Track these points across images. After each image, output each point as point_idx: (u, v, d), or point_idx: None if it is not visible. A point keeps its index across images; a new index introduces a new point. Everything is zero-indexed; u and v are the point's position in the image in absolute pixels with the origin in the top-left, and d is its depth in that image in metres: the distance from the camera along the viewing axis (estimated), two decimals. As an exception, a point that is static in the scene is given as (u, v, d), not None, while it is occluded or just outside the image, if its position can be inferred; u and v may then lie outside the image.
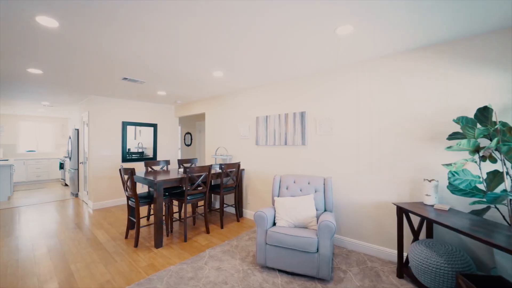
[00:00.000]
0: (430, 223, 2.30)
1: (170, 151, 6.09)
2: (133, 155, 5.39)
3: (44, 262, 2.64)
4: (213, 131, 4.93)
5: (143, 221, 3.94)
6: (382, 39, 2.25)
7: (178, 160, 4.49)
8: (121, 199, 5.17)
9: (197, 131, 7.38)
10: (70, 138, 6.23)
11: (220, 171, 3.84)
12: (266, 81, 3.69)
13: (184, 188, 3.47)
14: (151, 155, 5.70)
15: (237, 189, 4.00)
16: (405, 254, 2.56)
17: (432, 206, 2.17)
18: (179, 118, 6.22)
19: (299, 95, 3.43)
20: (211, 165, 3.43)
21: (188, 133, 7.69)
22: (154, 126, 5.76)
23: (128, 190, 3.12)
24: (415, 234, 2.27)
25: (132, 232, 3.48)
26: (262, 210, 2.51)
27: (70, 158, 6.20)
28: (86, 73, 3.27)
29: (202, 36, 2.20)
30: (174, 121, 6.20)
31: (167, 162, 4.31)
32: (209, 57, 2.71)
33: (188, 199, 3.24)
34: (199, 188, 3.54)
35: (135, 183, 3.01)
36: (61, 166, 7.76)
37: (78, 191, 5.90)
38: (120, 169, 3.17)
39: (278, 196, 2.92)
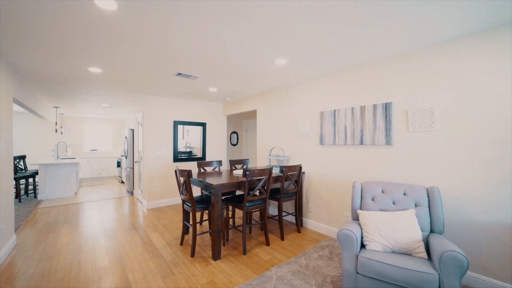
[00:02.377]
0: None
1: (218, 150, 5.88)
2: (182, 155, 5.29)
3: (103, 269, 2.51)
4: (265, 130, 4.51)
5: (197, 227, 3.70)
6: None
7: (230, 160, 4.18)
8: (173, 199, 5.10)
9: (244, 130, 7.09)
10: (126, 138, 6.48)
11: (279, 174, 3.38)
12: (336, 68, 3.11)
13: (241, 193, 3.09)
14: (198, 155, 5.55)
15: (297, 195, 3.50)
16: None
17: None
18: (227, 116, 6.01)
19: (382, 83, 2.77)
20: (272, 168, 2.99)
21: (234, 132, 7.46)
22: (203, 125, 5.60)
23: (183, 193, 2.86)
24: None
25: (187, 238, 3.25)
26: (347, 227, 1.96)
27: (126, 157, 6.45)
28: (142, 69, 3.13)
29: (272, 14, 1.74)
30: (222, 119, 5.98)
31: (220, 163, 4.02)
32: (275, 40, 2.26)
33: (247, 206, 2.85)
34: (257, 194, 3.13)
35: (191, 186, 2.73)
36: (118, 164, 8.25)
37: (133, 189, 6.08)
38: (175, 170, 2.93)
39: (361, 209, 2.32)
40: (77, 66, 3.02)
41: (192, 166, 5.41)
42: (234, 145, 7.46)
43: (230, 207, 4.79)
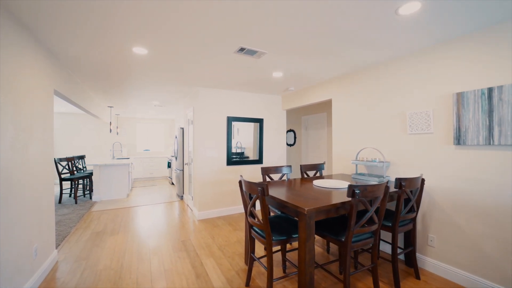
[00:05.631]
0: None
1: (276, 152, 4.94)
2: (234, 157, 4.49)
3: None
4: (346, 125, 3.39)
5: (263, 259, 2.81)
6: None
7: (302, 166, 3.18)
8: (226, 209, 4.34)
9: (303, 128, 6.02)
10: (176, 137, 6.04)
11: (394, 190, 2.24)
12: (499, 17, 1.85)
13: (338, 219, 2.06)
14: (250, 157, 4.67)
15: (414, 221, 2.31)
16: None
17: None
18: (286, 111, 5.02)
19: None
20: (387, 182, 1.88)
21: (290, 130, 6.46)
22: (260, 121, 4.73)
23: (252, 215, 1.97)
24: None
25: (255, 273, 2.36)
26: None
27: (176, 158, 6.01)
28: (194, 46, 2.35)
29: None
30: (281, 114, 5.02)
31: (289, 169, 3.06)
32: None
33: (352, 241, 1.81)
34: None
35: (268, 208, 1.81)
36: (169, 165, 8.02)
37: (183, 193, 5.57)
38: (240, 182, 2.06)
39: None
40: (120, 47, 2.40)
41: (246, 171, 4.59)
42: (290, 145, 6.46)
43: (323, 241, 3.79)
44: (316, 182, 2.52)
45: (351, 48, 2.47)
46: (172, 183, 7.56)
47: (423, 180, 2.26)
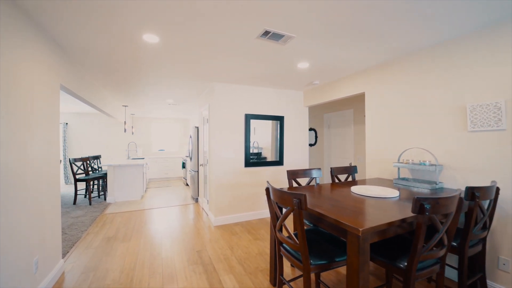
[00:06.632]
0: None
1: (298, 153, 4.54)
2: (252, 158, 4.14)
3: None
4: (382, 122, 2.94)
5: (286, 270, 2.44)
6: None
7: (332, 169, 2.78)
8: (244, 215, 4.01)
9: (326, 126, 5.57)
10: (190, 137, 5.80)
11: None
12: None
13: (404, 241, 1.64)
14: (269, 157, 4.28)
15: (484, 241, 1.85)
16: None
17: None
18: (308, 108, 4.58)
19: None
20: (460, 193, 1.45)
21: (311, 129, 6.02)
22: (280, 119, 4.35)
23: (288, 235, 1.60)
24: None
25: (280, 297, 1.99)
26: None
27: (190, 158, 5.76)
28: (211, 32, 2.03)
29: None
30: (303, 112, 4.61)
31: (319, 172, 2.66)
32: None
33: (417, 270, 1.40)
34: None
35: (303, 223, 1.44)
36: (183, 165, 7.82)
37: (198, 195, 5.30)
38: (268, 189, 1.71)
39: None
40: (130, 34, 2.12)
41: (266, 173, 4.22)
42: (311, 145, 6.03)
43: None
44: (354, 189, 2.11)
45: (401, 28, 2.04)
46: (187, 184, 7.35)
47: (497, 189, 1.80)
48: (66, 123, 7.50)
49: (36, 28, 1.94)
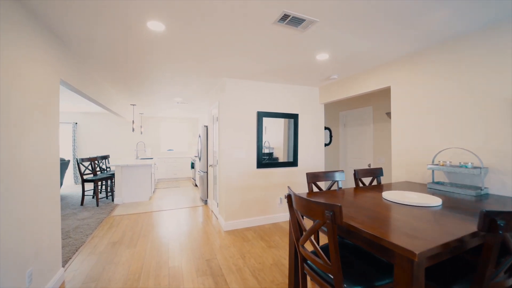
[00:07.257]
0: None
1: (313, 153, 4.25)
2: (264, 158, 3.89)
3: None
4: (411, 119, 2.63)
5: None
6: None
7: (356, 171, 2.49)
8: (256, 219, 3.76)
9: (341, 125, 5.25)
10: (199, 136, 5.61)
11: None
12: None
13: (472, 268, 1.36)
14: (281, 158, 4.01)
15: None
16: None
17: None
18: (324, 105, 4.28)
19: None
20: (535, 204, 1.15)
21: (326, 128, 5.71)
22: (295, 117, 4.08)
23: (314, 249, 1.35)
24: None
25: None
26: None
27: (199, 159, 5.57)
28: (222, 18, 1.79)
29: None
30: (318, 109, 4.32)
31: (341, 175, 2.38)
32: None
33: (481, 304, 1.11)
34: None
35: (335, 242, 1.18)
36: (192, 165, 7.66)
37: (207, 197, 5.10)
38: (289, 196, 1.45)
39: None
40: (133, 22, 1.91)
41: (278, 175, 3.96)
42: (326, 144, 5.71)
43: None
44: (387, 195, 1.82)
45: (439, 11, 1.74)
46: (196, 185, 7.18)
47: None
48: (76, 123, 7.47)
49: (29, 14, 1.76)
